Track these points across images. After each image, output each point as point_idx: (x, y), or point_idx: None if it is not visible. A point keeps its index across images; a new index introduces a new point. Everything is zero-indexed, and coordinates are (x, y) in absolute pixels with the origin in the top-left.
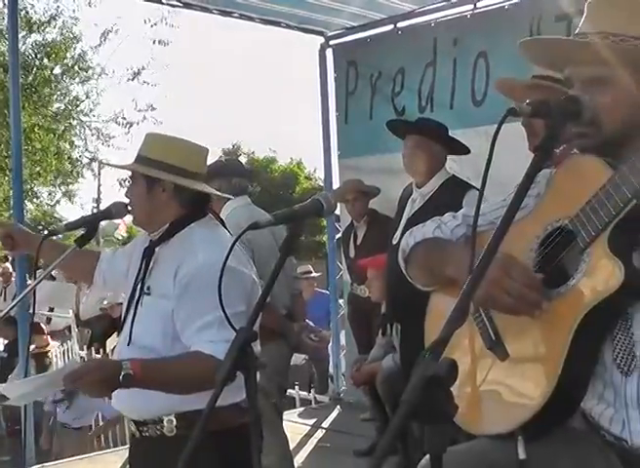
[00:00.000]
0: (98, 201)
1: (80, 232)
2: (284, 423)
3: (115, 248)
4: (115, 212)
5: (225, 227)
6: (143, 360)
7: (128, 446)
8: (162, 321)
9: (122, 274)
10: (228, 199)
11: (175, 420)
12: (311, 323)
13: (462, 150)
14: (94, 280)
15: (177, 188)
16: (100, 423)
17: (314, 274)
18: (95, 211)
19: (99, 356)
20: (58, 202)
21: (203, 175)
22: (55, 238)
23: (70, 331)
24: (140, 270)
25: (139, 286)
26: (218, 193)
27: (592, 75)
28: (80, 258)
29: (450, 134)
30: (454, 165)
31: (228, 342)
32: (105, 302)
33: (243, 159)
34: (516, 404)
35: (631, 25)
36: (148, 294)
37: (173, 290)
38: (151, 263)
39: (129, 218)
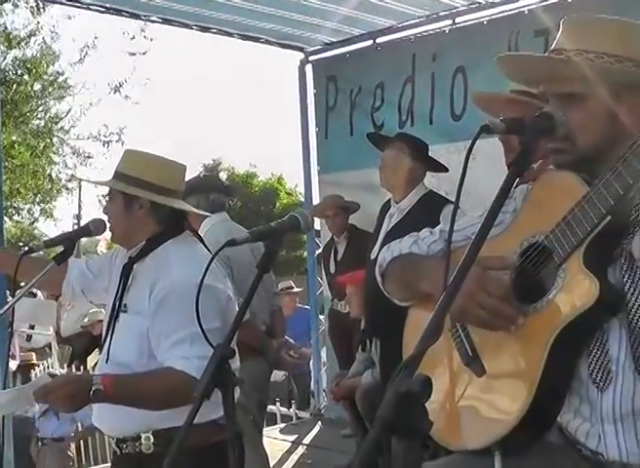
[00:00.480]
0: (78, 218)
1: (59, 249)
2: (265, 439)
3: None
4: (94, 229)
5: (204, 243)
6: (115, 375)
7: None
8: (138, 338)
9: (103, 289)
10: (207, 216)
11: (152, 438)
12: (292, 339)
13: (441, 169)
14: (62, 290)
15: (153, 205)
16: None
17: (295, 289)
18: (75, 228)
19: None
20: (36, 219)
21: (180, 192)
22: (35, 255)
23: (51, 349)
24: (118, 287)
25: (117, 303)
26: (194, 210)
27: (567, 91)
28: (52, 274)
29: (430, 148)
30: (432, 180)
31: (201, 359)
32: (86, 320)
33: (223, 174)
34: (493, 419)
35: (607, 43)
36: (125, 312)
37: (148, 307)
38: (129, 280)
39: (109, 235)
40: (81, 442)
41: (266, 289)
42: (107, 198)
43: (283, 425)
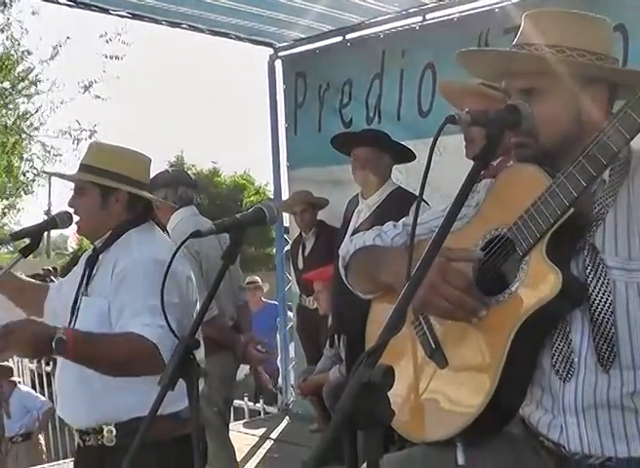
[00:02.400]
0: (48, 213)
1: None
2: (232, 434)
3: (64, 261)
4: (60, 221)
5: (168, 235)
6: (77, 330)
7: None
8: (99, 318)
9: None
10: (175, 210)
11: (114, 430)
12: (258, 334)
13: (409, 157)
14: (43, 311)
15: (130, 198)
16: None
17: (261, 284)
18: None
19: (48, 369)
20: (4, 214)
21: (148, 184)
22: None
23: None
24: (82, 277)
25: (80, 291)
26: (168, 202)
27: (530, 86)
28: (35, 293)
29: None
30: (400, 176)
31: (161, 327)
32: None
33: (189, 171)
34: (455, 411)
35: (570, 38)
36: (86, 296)
37: (110, 287)
38: (94, 270)
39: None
40: (50, 436)
41: (233, 283)
42: (75, 191)
43: (250, 420)
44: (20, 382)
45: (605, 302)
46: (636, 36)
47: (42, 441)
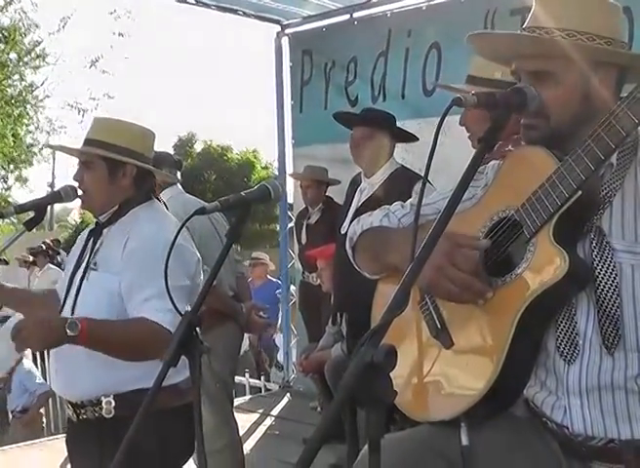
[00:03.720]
0: (52, 186)
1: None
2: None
3: (67, 234)
4: (64, 195)
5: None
6: (90, 319)
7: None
8: (108, 296)
9: None
10: (162, 190)
11: (113, 401)
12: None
13: (411, 139)
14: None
15: (138, 173)
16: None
17: (266, 260)
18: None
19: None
20: (10, 187)
21: (152, 159)
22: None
23: None
24: (84, 249)
25: (83, 264)
26: (173, 177)
27: (540, 68)
28: (45, 302)
29: (402, 123)
30: (406, 155)
31: (172, 312)
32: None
33: (199, 146)
34: (460, 391)
35: (580, 22)
36: (95, 270)
37: (121, 264)
38: (98, 243)
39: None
40: (50, 411)
41: (229, 256)
42: (80, 165)
43: (252, 396)
44: (25, 356)
45: (611, 285)
46: None
47: (43, 414)
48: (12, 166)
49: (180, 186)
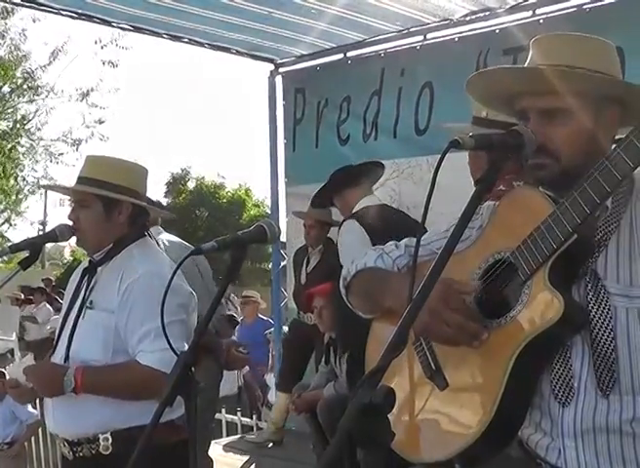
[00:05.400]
0: (44, 224)
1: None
2: (224, 449)
3: (59, 272)
4: (59, 234)
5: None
6: (86, 368)
7: None
8: (104, 334)
9: None
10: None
11: (111, 438)
12: (250, 347)
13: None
14: None
15: (134, 211)
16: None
17: (257, 299)
18: (40, 233)
19: None
20: (7, 221)
21: (146, 196)
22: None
23: (13, 355)
24: (79, 288)
25: (78, 302)
26: (169, 214)
27: (552, 105)
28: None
29: (393, 161)
30: (394, 195)
31: (164, 351)
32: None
33: (192, 184)
34: (454, 432)
35: (580, 58)
36: (91, 308)
37: (117, 302)
38: (93, 282)
39: (74, 241)
40: (33, 447)
41: (210, 293)
42: (75, 204)
43: (243, 435)
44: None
45: (606, 328)
46: (633, 59)
47: (26, 447)
48: (7, 201)
49: (159, 227)
